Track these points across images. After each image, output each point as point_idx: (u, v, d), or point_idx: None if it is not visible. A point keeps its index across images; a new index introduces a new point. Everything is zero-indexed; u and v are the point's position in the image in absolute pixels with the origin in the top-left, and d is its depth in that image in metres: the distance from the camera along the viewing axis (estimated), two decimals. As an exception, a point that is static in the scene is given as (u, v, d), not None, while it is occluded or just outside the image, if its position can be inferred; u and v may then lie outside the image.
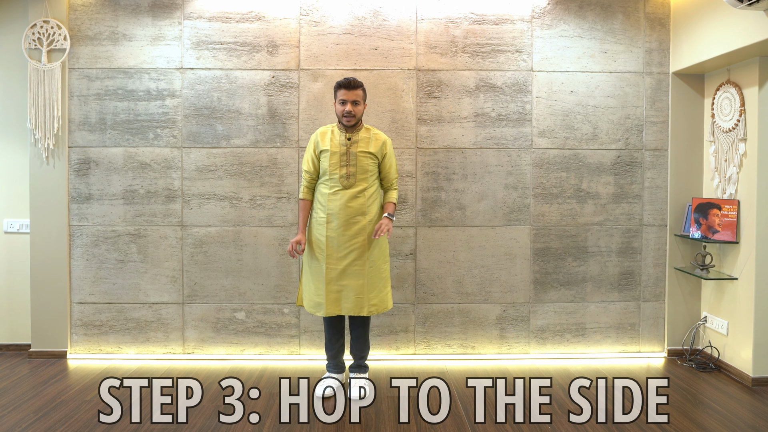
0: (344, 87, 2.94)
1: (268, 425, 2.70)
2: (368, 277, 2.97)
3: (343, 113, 2.95)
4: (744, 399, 3.05)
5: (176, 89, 3.60)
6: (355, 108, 2.95)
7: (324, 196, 2.99)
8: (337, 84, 2.98)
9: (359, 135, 3.01)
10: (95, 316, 3.63)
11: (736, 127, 3.34)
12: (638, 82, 3.66)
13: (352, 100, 2.93)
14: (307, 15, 3.60)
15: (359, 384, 3.06)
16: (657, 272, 3.70)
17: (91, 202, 3.61)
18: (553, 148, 3.65)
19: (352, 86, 2.93)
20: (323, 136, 3.03)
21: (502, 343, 3.69)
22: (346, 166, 2.96)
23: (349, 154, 2.97)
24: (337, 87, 2.97)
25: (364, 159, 2.98)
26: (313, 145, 3.04)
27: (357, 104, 2.95)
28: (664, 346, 3.71)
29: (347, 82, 2.94)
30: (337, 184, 2.96)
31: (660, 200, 3.69)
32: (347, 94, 2.93)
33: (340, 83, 2.95)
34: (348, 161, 2.97)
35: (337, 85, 2.97)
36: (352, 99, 2.93)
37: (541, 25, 3.63)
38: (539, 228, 3.67)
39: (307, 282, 3.06)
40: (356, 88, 2.95)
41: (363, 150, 2.98)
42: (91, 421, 2.73)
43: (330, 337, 3.14)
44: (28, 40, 3.55)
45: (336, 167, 2.96)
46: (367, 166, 2.99)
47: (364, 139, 3.01)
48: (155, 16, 3.58)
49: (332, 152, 2.97)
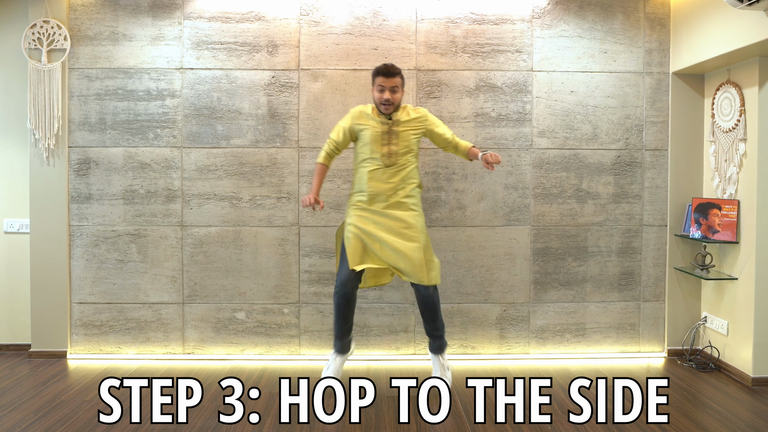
0: (383, 74, 2.91)
1: (268, 425, 2.70)
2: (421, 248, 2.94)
3: (381, 101, 2.93)
4: (744, 399, 3.05)
5: (176, 89, 3.60)
6: (394, 95, 2.93)
7: (363, 176, 2.97)
8: (375, 70, 2.95)
9: (399, 115, 3.01)
10: (95, 316, 3.63)
11: (736, 127, 3.34)
12: (638, 82, 3.66)
13: (390, 87, 2.91)
14: (307, 15, 3.60)
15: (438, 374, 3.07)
16: (657, 272, 3.70)
17: (91, 202, 3.61)
18: (553, 148, 3.65)
19: (390, 73, 2.90)
20: (362, 114, 3.01)
21: (502, 343, 3.69)
22: (387, 145, 2.95)
23: (390, 132, 2.96)
24: (375, 74, 2.95)
25: (407, 135, 2.97)
26: (351, 120, 3.02)
27: (395, 91, 2.93)
28: (664, 346, 3.71)
29: (386, 68, 2.90)
30: (379, 162, 2.95)
31: (660, 200, 3.69)
32: (385, 81, 2.90)
33: (379, 70, 2.92)
34: (390, 140, 2.95)
35: (376, 71, 2.94)
36: (390, 86, 2.91)
37: (541, 25, 3.63)
38: (539, 228, 3.67)
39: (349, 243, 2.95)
40: (395, 75, 2.92)
41: (404, 129, 2.97)
42: (91, 421, 2.73)
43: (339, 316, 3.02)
44: (28, 40, 3.55)
45: (377, 144, 2.95)
46: (410, 144, 2.99)
47: (405, 118, 3.01)
48: (155, 16, 3.59)
49: (373, 128, 2.95)
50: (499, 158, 2.90)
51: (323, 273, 3.63)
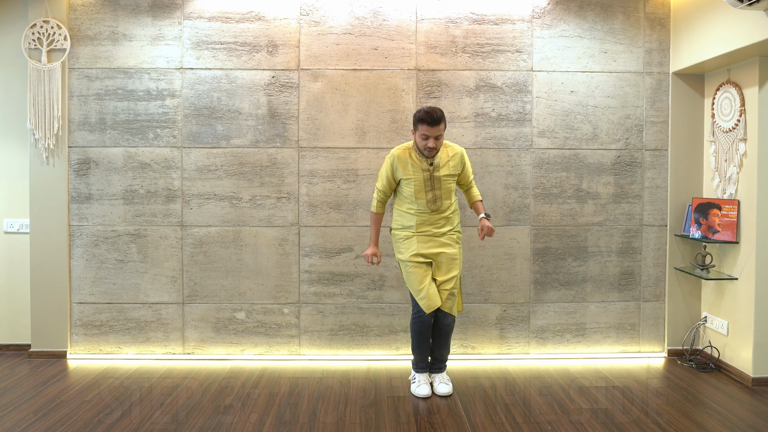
0: (427, 123, 2.84)
1: (268, 425, 2.70)
2: (458, 280, 3.05)
3: (425, 148, 2.91)
4: (744, 399, 3.05)
5: (176, 89, 3.60)
6: (437, 143, 2.91)
7: (411, 216, 3.00)
8: (418, 117, 2.88)
9: (439, 157, 2.99)
10: (95, 316, 3.63)
11: (736, 127, 3.34)
12: (638, 82, 3.66)
13: (435, 136, 2.89)
14: (307, 15, 3.60)
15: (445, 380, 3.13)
16: (657, 272, 3.70)
17: (91, 202, 3.61)
18: (553, 148, 3.65)
19: (435, 121, 2.85)
20: (402, 162, 2.98)
21: (502, 343, 3.69)
22: (432, 191, 2.96)
23: (433, 179, 2.96)
24: (419, 121, 2.88)
25: (447, 181, 3.00)
26: (391, 169, 3.00)
27: (439, 138, 2.91)
28: (664, 346, 3.71)
29: (430, 118, 2.84)
30: (424, 207, 2.97)
31: (660, 200, 3.69)
32: (430, 130, 2.86)
33: (423, 119, 2.85)
34: (433, 186, 2.96)
35: (419, 119, 2.87)
36: (435, 135, 2.88)
37: (541, 25, 3.63)
38: (539, 228, 3.67)
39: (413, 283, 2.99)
40: (439, 123, 2.86)
41: (446, 174, 2.98)
42: (91, 421, 2.73)
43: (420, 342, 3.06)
44: (28, 40, 3.55)
45: (421, 192, 2.96)
46: (450, 187, 3.02)
47: (444, 161, 2.99)
48: (155, 16, 3.59)
49: (415, 179, 2.95)
50: (493, 233, 2.94)
51: (323, 273, 3.63)
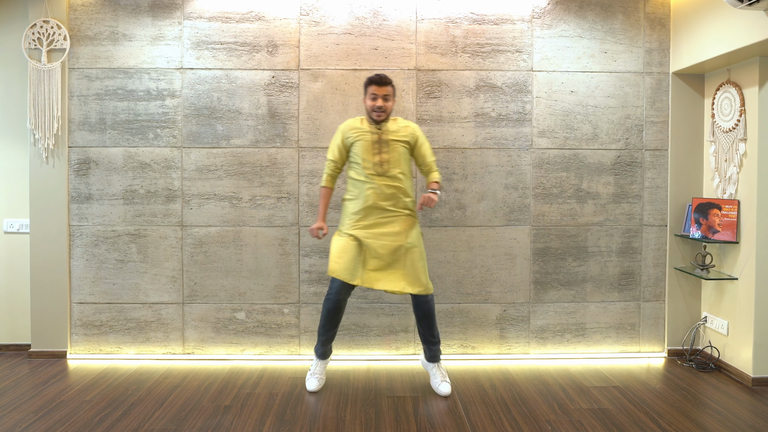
0: (375, 83, 3.02)
1: (268, 425, 2.70)
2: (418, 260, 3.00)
3: (373, 108, 3.02)
4: (744, 399, 3.05)
5: (176, 89, 3.60)
6: (386, 103, 3.02)
7: (357, 184, 3.03)
8: (368, 80, 3.05)
9: (388, 125, 3.08)
10: (95, 316, 3.63)
11: (736, 127, 3.34)
12: (638, 82, 3.66)
13: (383, 95, 3.01)
14: (307, 15, 3.60)
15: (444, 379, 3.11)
16: (657, 272, 3.70)
17: (91, 202, 3.61)
18: (553, 148, 3.65)
19: (383, 82, 3.02)
20: (352, 127, 3.09)
21: (502, 343, 3.69)
22: (379, 154, 3.02)
23: (381, 141, 3.03)
24: (368, 83, 3.05)
25: (397, 145, 3.04)
26: (342, 135, 3.10)
27: (387, 99, 3.03)
28: (664, 346, 3.71)
29: (378, 78, 3.02)
30: (371, 169, 3.00)
31: (660, 200, 3.69)
32: (378, 89, 3.01)
33: (372, 79, 3.03)
34: (381, 149, 3.02)
35: (369, 81, 3.04)
36: (383, 94, 3.01)
37: (541, 25, 3.63)
38: (539, 228, 3.67)
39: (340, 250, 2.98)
40: (387, 84, 3.03)
41: (394, 138, 3.04)
42: (91, 421, 2.73)
43: (328, 322, 3.09)
44: (28, 40, 3.55)
45: (369, 153, 3.01)
46: (399, 154, 3.04)
47: (394, 127, 3.08)
48: (155, 16, 3.58)
49: (364, 140, 3.02)
50: (432, 204, 2.92)
51: (323, 273, 3.63)
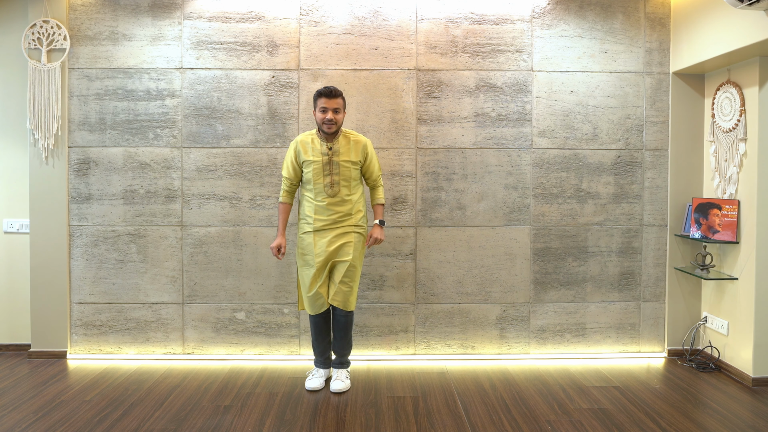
0: (325, 95, 3.02)
1: (268, 425, 2.70)
2: (351, 276, 3.09)
3: (323, 121, 3.02)
4: (744, 399, 3.05)
5: (176, 89, 3.59)
6: (336, 116, 3.02)
7: (310, 204, 3.09)
8: (317, 93, 3.05)
9: (339, 143, 3.09)
10: (95, 316, 3.63)
11: (737, 127, 3.34)
12: (638, 82, 3.66)
13: (333, 108, 3.01)
14: (307, 15, 3.60)
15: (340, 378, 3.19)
16: (657, 272, 3.70)
17: (90, 202, 3.61)
18: (553, 148, 3.65)
19: (332, 95, 3.02)
20: (304, 145, 3.10)
21: (502, 343, 3.69)
22: (329, 175, 3.05)
23: (332, 163, 3.06)
24: (317, 96, 3.04)
25: (347, 168, 3.07)
26: (294, 153, 3.12)
27: (338, 112, 3.03)
28: (665, 346, 3.71)
29: (328, 90, 3.02)
30: (322, 192, 3.05)
31: (660, 200, 3.69)
32: (328, 102, 3.01)
33: (321, 92, 3.03)
34: (331, 170, 3.05)
35: (318, 93, 3.04)
36: (333, 107, 3.01)
37: (541, 25, 3.63)
38: (539, 228, 3.67)
39: (303, 286, 3.14)
40: (336, 96, 3.03)
41: (345, 159, 3.07)
42: (91, 421, 2.73)
43: (317, 335, 3.20)
44: (27, 40, 3.54)
45: (320, 176, 3.05)
46: (350, 174, 3.08)
47: (344, 147, 3.09)
48: (155, 16, 3.58)
49: (314, 162, 3.05)
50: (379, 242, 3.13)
51: (323, 273, 3.63)
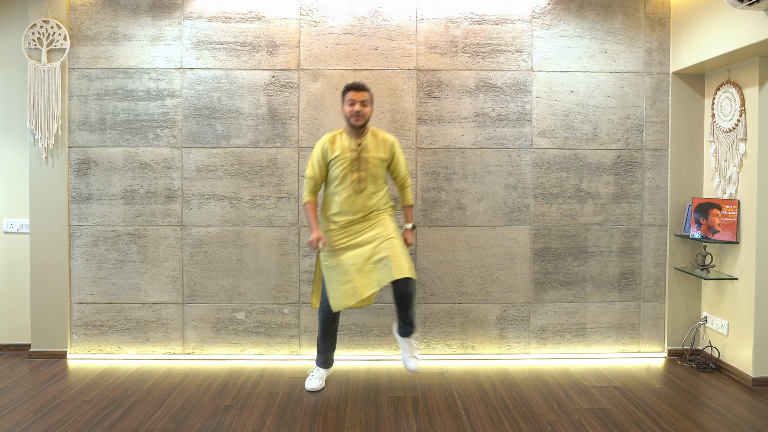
0: (353, 89, 3.04)
1: (268, 425, 2.70)
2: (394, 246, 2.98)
3: (351, 113, 3.02)
4: (744, 399, 3.05)
5: (176, 89, 3.59)
6: (364, 108, 3.03)
7: (336, 204, 3.06)
8: (345, 87, 3.07)
9: (367, 139, 3.08)
10: (95, 316, 3.63)
11: (737, 127, 3.34)
12: (638, 82, 3.66)
13: (360, 101, 3.02)
14: (307, 15, 3.60)
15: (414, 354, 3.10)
16: (657, 272, 3.70)
17: (91, 202, 3.61)
18: (553, 148, 3.65)
19: (360, 88, 3.04)
20: (332, 143, 3.08)
21: (502, 343, 3.69)
22: (357, 171, 3.04)
23: (360, 159, 3.05)
24: (345, 90, 3.06)
25: (375, 164, 3.07)
26: (321, 152, 3.08)
27: (365, 105, 3.04)
28: (665, 346, 3.71)
29: (355, 84, 3.05)
30: (349, 188, 3.03)
31: (660, 200, 3.69)
32: (356, 95, 3.02)
33: (349, 86, 3.06)
34: (359, 166, 3.04)
35: (346, 88, 3.06)
36: (360, 99, 3.02)
37: (541, 25, 3.63)
38: (539, 228, 3.67)
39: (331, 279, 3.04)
40: (364, 90, 3.05)
41: (373, 155, 3.06)
42: (91, 421, 2.73)
43: (325, 333, 3.18)
44: (27, 40, 3.55)
45: (348, 172, 3.03)
46: (377, 172, 3.08)
47: (373, 144, 3.08)
48: (155, 16, 3.58)
49: (343, 158, 3.04)
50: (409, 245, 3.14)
51: (323, 273, 3.63)
